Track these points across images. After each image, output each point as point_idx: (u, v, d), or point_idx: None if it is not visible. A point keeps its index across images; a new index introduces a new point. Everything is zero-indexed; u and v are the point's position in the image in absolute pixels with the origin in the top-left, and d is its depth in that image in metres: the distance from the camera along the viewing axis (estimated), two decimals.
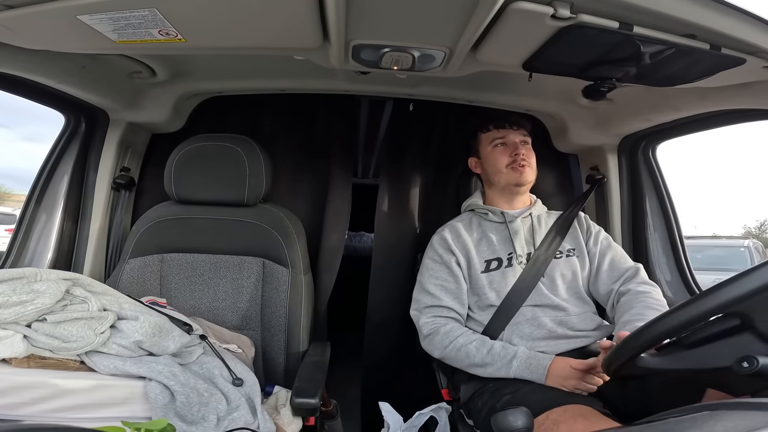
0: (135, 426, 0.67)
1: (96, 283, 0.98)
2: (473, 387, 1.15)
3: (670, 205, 1.56)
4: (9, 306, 0.82)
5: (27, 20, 0.77)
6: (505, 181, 1.30)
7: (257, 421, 0.89)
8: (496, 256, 1.25)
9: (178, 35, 0.83)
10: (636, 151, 1.56)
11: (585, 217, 1.38)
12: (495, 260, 1.25)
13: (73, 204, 1.42)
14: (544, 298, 1.19)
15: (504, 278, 1.22)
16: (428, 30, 0.85)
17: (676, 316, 0.67)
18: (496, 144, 1.32)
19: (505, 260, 1.24)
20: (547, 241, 1.27)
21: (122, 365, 0.85)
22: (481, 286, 1.22)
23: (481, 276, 1.23)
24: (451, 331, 1.17)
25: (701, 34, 0.78)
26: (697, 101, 1.14)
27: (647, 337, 0.71)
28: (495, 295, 1.20)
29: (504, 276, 1.22)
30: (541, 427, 0.90)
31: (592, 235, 1.32)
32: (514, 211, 1.31)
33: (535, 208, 1.34)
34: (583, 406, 0.92)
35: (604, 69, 0.94)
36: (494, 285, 1.22)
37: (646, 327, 0.71)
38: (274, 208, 1.36)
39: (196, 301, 1.27)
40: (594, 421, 0.86)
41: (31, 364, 0.82)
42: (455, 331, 1.17)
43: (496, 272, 1.23)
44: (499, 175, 1.31)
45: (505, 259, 1.24)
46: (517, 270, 1.22)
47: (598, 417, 0.88)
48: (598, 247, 1.29)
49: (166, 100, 1.45)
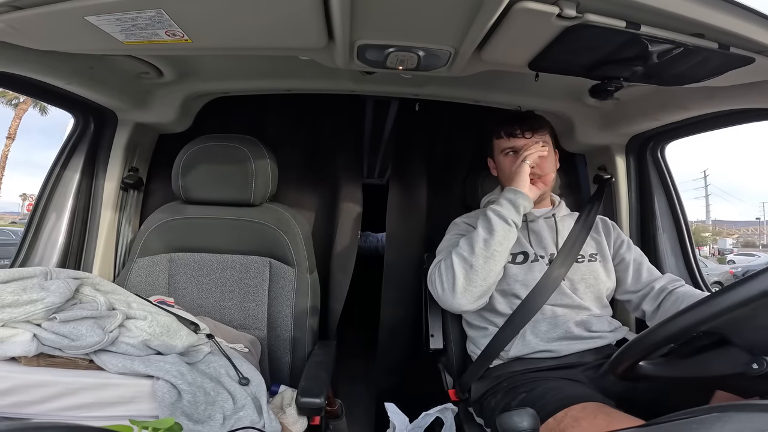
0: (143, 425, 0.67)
1: (105, 282, 0.99)
2: (486, 385, 1.15)
3: (679, 205, 1.55)
4: (19, 305, 0.82)
5: (35, 21, 0.78)
6: None
7: (263, 420, 0.89)
8: (523, 250, 1.22)
9: (185, 36, 0.84)
10: (644, 151, 1.55)
11: (613, 225, 1.35)
12: (521, 254, 1.22)
13: (82, 204, 1.43)
14: (566, 299, 1.18)
15: (531, 272, 1.19)
16: (433, 30, 0.85)
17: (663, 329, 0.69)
18: (507, 152, 1.28)
19: (531, 255, 1.22)
20: (569, 244, 1.24)
21: (130, 364, 0.85)
22: (510, 275, 1.19)
23: (510, 266, 1.20)
24: (447, 257, 1.15)
25: (709, 34, 0.77)
26: (705, 101, 1.13)
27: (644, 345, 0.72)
28: (521, 286, 1.18)
29: (531, 270, 1.19)
30: (560, 424, 0.89)
31: (624, 243, 1.30)
32: (536, 211, 1.29)
33: (558, 209, 1.32)
34: (601, 404, 0.91)
35: (611, 68, 0.93)
36: (521, 276, 1.19)
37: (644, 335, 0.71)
38: (280, 207, 1.37)
39: (203, 300, 1.28)
40: (616, 417, 0.85)
41: (40, 362, 0.82)
42: (450, 256, 1.13)
43: (523, 265, 1.21)
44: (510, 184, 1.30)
45: (531, 254, 1.22)
46: (543, 267, 1.20)
47: (618, 414, 0.87)
48: (632, 254, 1.28)
49: (173, 100, 1.46)
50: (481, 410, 1.15)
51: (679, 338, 0.70)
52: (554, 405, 0.93)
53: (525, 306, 1.16)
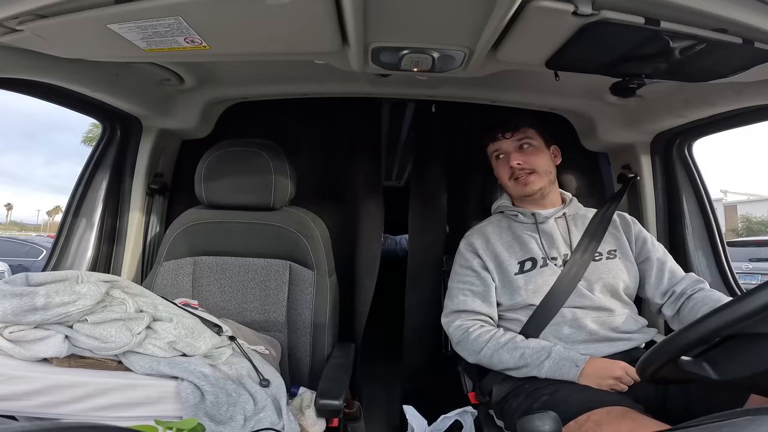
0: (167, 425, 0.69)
1: (133, 285, 1.02)
2: (507, 387, 1.13)
3: (709, 204, 1.49)
4: (52, 307, 0.85)
5: (60, 29, 0.81)
6: (514, 193, 1.28)
7: (282, 421, 0.90)
8: (530, 256, 1.21)
9: (203, 42, 0.86)
10: (671, 149, 1.50)
11: (633, 220, 1.31)
12: (529, 260, 1.20)
13: (110, 209, 1.49)
14: (585, 300, 1.15)
15: (541, 277, 1.17)
16: (446, 31, 0.85)
17: (711, 321, 0.65)
18: (497, 156, 1.30)
19: (540, 260, 1.20)
20: (584, 242, 1.21)
21: (157, 365, 0.87)
22: (516, 287, 1.18)
23: (516, 278, 1.19)
24: (480, 336, 1.15)
25: (732, 29, 0.74)
26: (733, 96, 1.09)
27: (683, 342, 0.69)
28: (532, 294, 1.16)
29: (541, 275, 1.18)
30: (581, 428, 0.87)
31: (647, 240, 1.26)
32: (545, 211, 1.26)
33: (569, 207, 1.29)
34: (626, 408, 0.89)
35: (632, 65, 0.91)
36: (530, 285, 1.17)
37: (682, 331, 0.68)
38: (300, 211, 1.38)
39: (225, 302, 1.30)
40: (640, 422, 0.83)
41: (71, 363, 0.85)
42: (485, 335, 1.14)
43: (531, 272, 1.19)
44: (507, 187, 1.29)
45: (539, 258, 1.20)
46: (555, 270, 1.18)
47: (645, 419, 0.85)
48: (656, 252, 1.24)
49: (194, 106, 1.50)
50: (502, 413, 1.13)
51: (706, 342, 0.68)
52: (577, 408, 0.91)
53: (540, 312, 1.15)
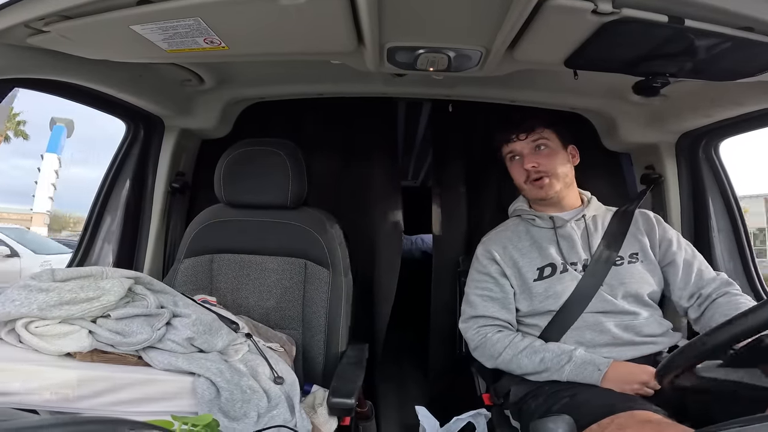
0: (183, 420, 0.71)
1: (155, 282, 1.03)
2: (526, 387, 1.11)
3: (737, 205, 1.44)
4: (77, 302, 0.87)
5: (85, 30, 0.84)
6: (530, 196, 1.26)
7: (295, 419, 0.91)
8: (549, 262, 1.18)
9: (222, 43, 0.88)
10: (696, 149, 1.45)
11: (657, 219, 1.27)
12: (548, 266, 1.18)
13: (133, 207, 1.53)
14: (608, 305, 1.12)
15: (561, 283, 1.15)
16: (462, 30, 0.84)
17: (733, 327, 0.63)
18: (511, 158, 1.27)
19: (559, 266, 1.17)
20: (605, 246, 1.18)
21: (175, 361, 0.88)
22: (536, 294, 1.16)
23: (535, 284, 1.17)
24: (499, 341, 1.14)
25: (759, 27, 0.72)
26: (760, 95, 1.05)
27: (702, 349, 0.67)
28: (552, 301, 1.14)
29: (561, 281, 1.15)
30: (604, 431, 0.86)
31: (673, 241, 1.21)
32: (563, 214, 1.23)
33: (589, 208, 1.25)
34: (650, 412, 0.86)
35: (655, 64, 0.88)
36: (550, 291, 1.15)
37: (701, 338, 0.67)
38: (316, 210, 1.39)
39: (243, 300, 1.32)
40: (665, 428, 0.81)
41: (94, 358, 0.88)
42: (503, 340, 1.13)
43: (551, 278, 1.16)
44: (522, 190, 1.27)
45: (559, 264, 1.17)
46: (575, 276, 1.15)
47: (667, 424, 0.83)
48: (683, 253, 1.19)
49: (214, 106, 1.53)
50: (520, 413, 1.12)
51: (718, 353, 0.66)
52: (600, 410, 0.89)
53: (560, 317, 1.13)
